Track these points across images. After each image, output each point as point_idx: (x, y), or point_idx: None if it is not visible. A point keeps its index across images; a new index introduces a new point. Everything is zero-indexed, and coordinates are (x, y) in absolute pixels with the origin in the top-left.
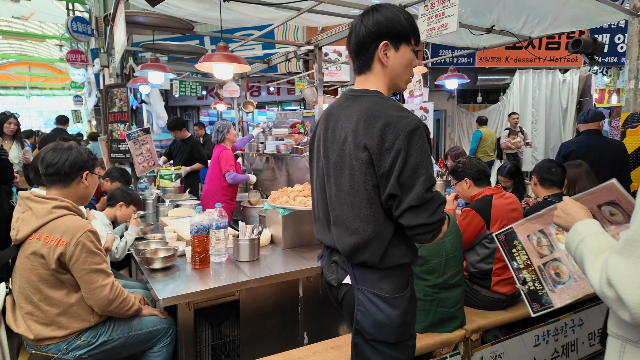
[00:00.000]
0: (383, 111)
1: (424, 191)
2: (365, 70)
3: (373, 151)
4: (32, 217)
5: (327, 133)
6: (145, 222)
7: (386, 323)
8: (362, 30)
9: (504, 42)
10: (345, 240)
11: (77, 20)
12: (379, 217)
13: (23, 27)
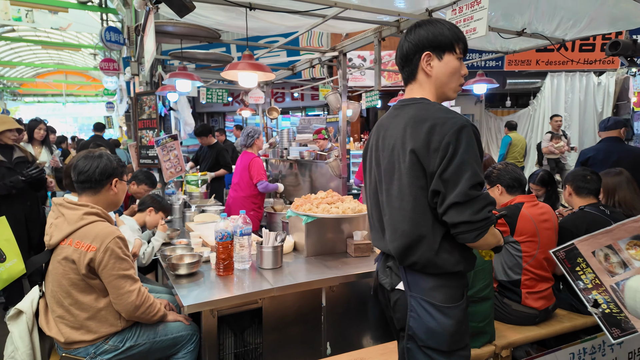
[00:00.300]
0: (429, 114)
1: (468, 188)
2: (411, 80)
3: (420, 153)
4: (64, 223)
5: (378, 142)
6: (172, 227)
7: (439, 331)
8: (406, 45)
9: (535, 45)
10: (395, 242)
11: (110, 30)
12: (427, 218)
13: (61, 37)
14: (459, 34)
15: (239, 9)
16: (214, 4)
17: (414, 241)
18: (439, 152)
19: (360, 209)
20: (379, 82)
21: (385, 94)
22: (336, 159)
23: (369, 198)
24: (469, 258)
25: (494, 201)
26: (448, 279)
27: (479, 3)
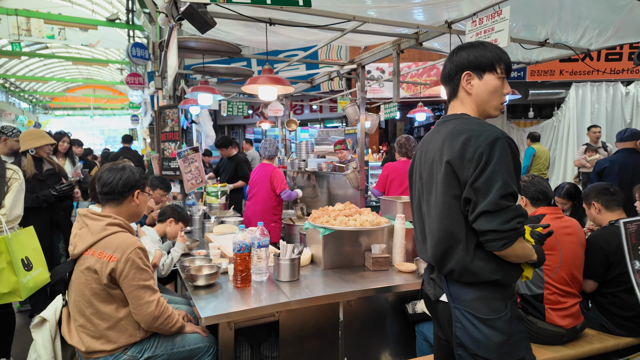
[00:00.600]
0: (466, 128)
1: (498, 197)
2: (453, 97)
3: (455, 163)
4: (87, 233)
5: (422, 157)
6: (192, 237)
7: (484, 342)
8: (449, 66)
9: (558, 55)
10: (432, 249)
11: (136, 45)
12: (461, 226)
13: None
14: (501, 55)
15: (259, 24)
16: (235, 20)
17: (449, 247)
18: (473, 162)
19: (379, 222)
20: (397, 94)
21: (404, 105)
22: (354, 171)
23: (414, 210)
24: (508, 268)
25: (525, 213)
26: (489, 289)
27: (499, 14)
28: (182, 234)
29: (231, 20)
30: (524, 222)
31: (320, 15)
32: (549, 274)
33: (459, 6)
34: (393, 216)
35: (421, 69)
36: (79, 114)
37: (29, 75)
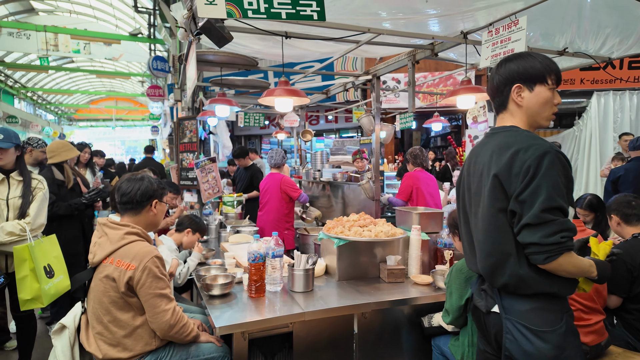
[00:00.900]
0: (514, 141)
1: (540, 211)
2: (502, 110)
3: (502, 177)
4: (107, 242)
5: (470, 169)
6: (208, 247)
7: (536, 355)
8: (497, 78)
9: (578, 64)
10: (481, 262)
11: (157, 59)
12: (510, 238)
13: (113, 67)
14: (551, 65)
15: (275, 37)
16: (252, 34)
17: (498, 261)
18: (520, 175)
19: (394, 233)
20: (413, 104)
21: (420, 115)
22: (369, 181)
23: (461, 222)
24: (565, 280)
25: (572, 228)
26: (544, 301)
27: (516, 24)
28: (199, 243)
29: (248, 34)
30: (571, 236)
31: (335, 28)
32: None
33: (475, 16)
34: (409, 227)
35: (437, 78)
36: (101, 125)
37: (55, 88)
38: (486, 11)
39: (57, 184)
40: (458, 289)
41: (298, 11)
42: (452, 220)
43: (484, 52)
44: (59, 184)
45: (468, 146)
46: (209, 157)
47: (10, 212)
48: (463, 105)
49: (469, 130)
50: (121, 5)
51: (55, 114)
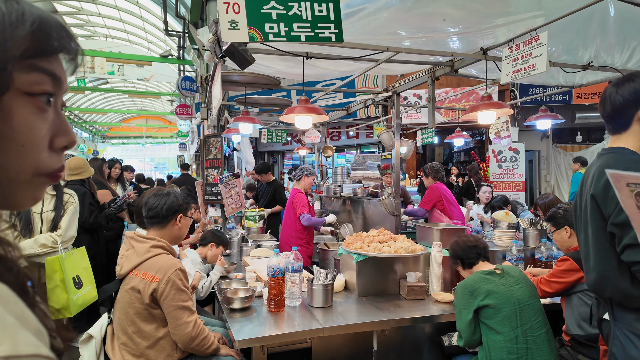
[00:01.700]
0: (614, 164)
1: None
2: (622, 131)
3: (599, 199)
4: (133, 254)
5: (581, 188)
6: (230, 261)
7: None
8: (619, 98)
9: (604, 78)
10: (587, 277)
11: (185, 79)
12: (610, 256)
13: (144, 87)
14: None
15: (296, 57)
16: (274, 55)
17: (601, 277)
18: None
19: (414, 249)
20: (433, 120)
21: (443, 130)
22: (389, 197)
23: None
24: None
25: None
26: None
27: (537, 39)
28: (221, 257)
29: (270, 55)
30: None
31: (355, 47)
32: None
33: (494, 33)
34: (429, 243)
35: (459, 94)
36: (132, 142)
37: (90, 107)
38: (506, 28)
39: (93, 196)
40: (465, 304)
41: (317, 34)
42: (453, 250)
43: (505, 68)
44: (93, 196)
45: (492, 161)
46: (232, 172)
47: (43, 224)
48: (484, 121)
49: (493, 146)
50: (153, 29)
51: (90, 132)
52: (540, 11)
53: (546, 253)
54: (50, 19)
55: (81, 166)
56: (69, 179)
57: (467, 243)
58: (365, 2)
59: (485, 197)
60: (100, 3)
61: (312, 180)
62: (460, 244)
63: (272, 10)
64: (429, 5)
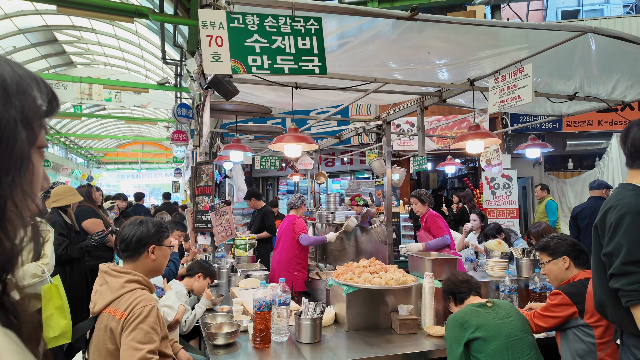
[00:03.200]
0: (613, 198)
1: (621, 264)
2: (638, 167)
3: (600, 229)
4: (107, 290)
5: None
6: (218, 292)
7: None
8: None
9: (591, 107)
10: (594, 301)
11: (181, 106)
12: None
13: (142, 113)
14: None
15: (286, 88)
16: (264, 85)
17: (599, 302)
18: (607, 231)
19: (405, 281)
20: (422, 149)
21: (436, 157)
22: (381, 225)
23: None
24: None
25: None
26: None
27: (522, 71)
28: (208, 289)
29: (260, 85)
30: None
31: (343, 78)
32: (603, 348)
33: (481, 64)
34: (421, 274)
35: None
36: (127, 167)
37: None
38: (492, 59)
39: (68, 227)
40: (456, 338)
41: (300, 66)
42: (445, 286)
43: (492, 99)
44: (69, 227)
45: (485, 188)
46: (223, 200)
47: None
48: (472, 150)
49: (486, 172)
50: (151, 58)
51: (85, 157)
52: (524, 44)
53: (540, 284)
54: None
55: (59, 193)
56: (51, 206)
57: (458, 277)
58: (350, 35)
59: (476, 225)
60: (100, 32)
61: (305, 207)
62: (452, 279)
63: (255, 44)
64: (414, 38)
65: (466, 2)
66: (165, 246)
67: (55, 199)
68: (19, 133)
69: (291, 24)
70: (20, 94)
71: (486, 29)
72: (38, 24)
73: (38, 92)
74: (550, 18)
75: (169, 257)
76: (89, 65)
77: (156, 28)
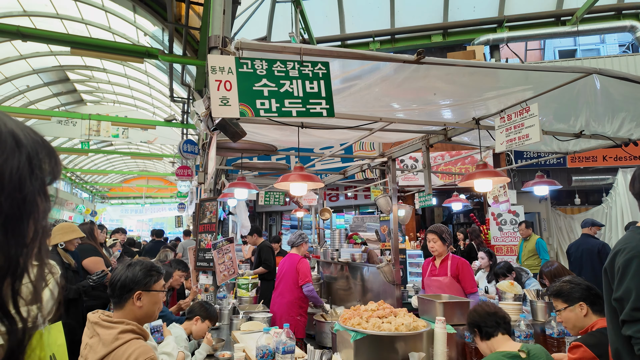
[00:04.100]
0: (623, 241)
1: (631, 309)
2: None
3: (608, 272)
4: (98, 344)
5: None
6: (218, 335)
7: None
8: None
9: (598, 145)
10: (610, 349)
11: (187, 142)
12: (618, 329)
13: (148, 149)
14: None
15: (292, 127)
16: (270, 125)
17: (615, 350)
18: (616, 275)
19: (416, 326)
20: (429, 186)
21: (441, 192)
22: (389, 264)
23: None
24: None
25: None
26: None
27: (528, 110)
28: (209, 335)
29: (266, 125)
30: None
31: (348, 118)
32: None
33: (486, 105)
34: (432, 318)
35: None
36: (132, 202)
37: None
38: (496, 100)
39: (64, 266)
40: None
41: (308, 109)
42: (470, 318)
43: (499, 137)
44: (66, 267)
45: (492, 224)
46: (226, 237)
47: None
48: (480, 188)
49: (492, 208)
50: (159, 95)
51: (90, 192)
52: (528, 85)
53: (557, 329)
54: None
55: (58, 230)
56: (50, 244)
57: (485, 309)
58: (356, 78)
59: (484, 264)
60: (110, 72)
61: (308, 245)
62: (478, 311)
63: (263, 88)
64: (419, 80)
65: (465, 42)
66: (155, 291)
67: (58, 234)
68: (41, 203)
69: (299, 68)
70: (38, 167)
71: (491, 71)
72: (52, 64)
73: (47, 159)
74: (548, 57)
75: (160, 302)
76: (99, 102)
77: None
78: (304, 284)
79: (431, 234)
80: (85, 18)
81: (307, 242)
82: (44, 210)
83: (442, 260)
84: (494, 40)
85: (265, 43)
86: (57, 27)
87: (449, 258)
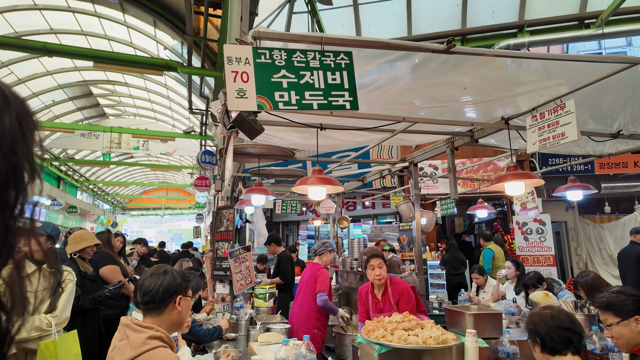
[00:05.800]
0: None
1: None
2: None
3: None
4: (127, 347)
5: None
6: (235, 346)
7: None
8: None
9: (634, 147)
10: None
11: (206, 153)
12: None
13: (167, 161)
14: None
15: (310, 129)
16: (288, 127)
17: None
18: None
19: (445, 340)
20: (455, 192)
21: (461, 201)
22: (412, 274)
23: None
24: None
25: None
26: None
27: (563, 107)
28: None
29: (284, 127)
30: None
31: (370, 118)
32: None
33: (515, 102)
34: (461, 331)
35: (477, 164)
36: (151, 213)
37: (114, 180)
38: (527, 96)
39: (82, 275)
40: None
41: (330, 102)
42: (534, 324)
43: (531, 137)
44: (83, 276)
45: (517, 233)
46: (243, 245)
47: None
48: (512, 192)
49: (517, 217)
50: (178, 108)
51: (112, 203)
52: (562, 78)
53: (599, 344)
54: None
55: (75, 237)
56: (68, 252)
57: (556, 321)
58: (379, 71)
59: (511, 274)
60: (131, 86)
61: (333, 256)
62: (546, 320)
63: (282, 79)
64: (447, 74)
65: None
66: (189, 297)
67: (71, 243)
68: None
69: (320, 58)
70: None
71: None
72: (76, 79)
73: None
74: None
75: (190, 310)
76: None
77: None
78: (318, 292)
79: (375, 259)
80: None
81: (331, 252)
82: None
83: (384, 290)
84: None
85: (284, 32)
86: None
87: (388, 284)
